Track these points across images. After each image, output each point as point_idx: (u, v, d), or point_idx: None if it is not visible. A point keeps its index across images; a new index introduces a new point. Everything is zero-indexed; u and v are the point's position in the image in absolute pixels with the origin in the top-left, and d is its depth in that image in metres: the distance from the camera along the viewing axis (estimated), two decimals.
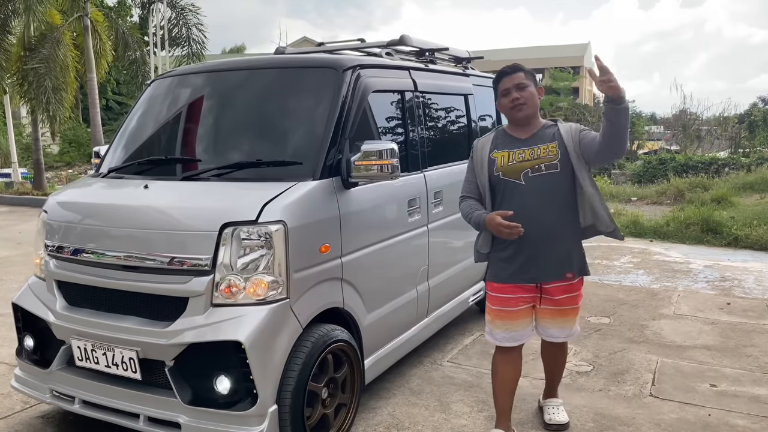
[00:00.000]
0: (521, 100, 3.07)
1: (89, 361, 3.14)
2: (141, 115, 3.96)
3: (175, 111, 3.83)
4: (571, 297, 3.18)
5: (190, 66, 4.04)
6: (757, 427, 3.52)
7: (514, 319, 3.15)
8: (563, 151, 3.04)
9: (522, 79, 3.09)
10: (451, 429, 3.51)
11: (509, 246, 3.08)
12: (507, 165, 3.08)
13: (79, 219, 3.30)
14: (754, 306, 5.87)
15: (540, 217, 3.01)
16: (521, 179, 3.05)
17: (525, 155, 3.06)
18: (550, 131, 3.13)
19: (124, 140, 3.91)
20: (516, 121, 3.15)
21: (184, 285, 2.91)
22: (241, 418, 2.82)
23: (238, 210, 2.92)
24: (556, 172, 3.04)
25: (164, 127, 3.80)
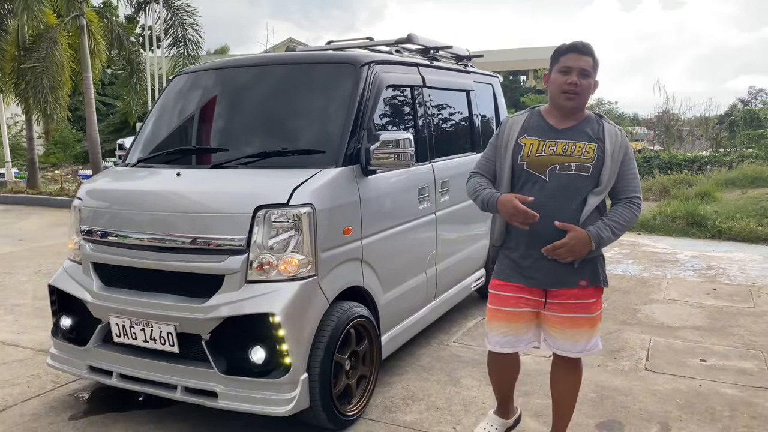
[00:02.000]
0: (579, 89, 2.69)
1: (127, 337, 3.35)
2: (166, 109, 4.17)
3: (200, 104, 4.05)
4: (582, 305, 2.79)
5: (211, 62, 4.25)
6: (744, 395, 3.81)
7: (511, 321, 2.85)
8: (599, 156, 2.71)
9: (589, 65, 2.70)
10: (462, 400, 3.77)
11: (520, 244, 2.80)
12: (534, 156, 2.73)
13: (116, 205, 3.52)
14: (739, 291, 6.19)
15: (557, 218, 2.67)
16: (546, 174, 2.71)
17: (557, 148, 2.71)
18: (592, 128, 2.77)
19: (150, 132, 4.12)
20: (560, 108, 2.76)
21: (220, 263, 3.14)
22: (275, 385, 3.05)
23: (270, 194, 3.15)
24: (585, 176, 2.70)
25: (191, 120, 4.02)
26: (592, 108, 18.31)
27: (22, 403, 3.82)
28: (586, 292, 2.79)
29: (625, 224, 2.75)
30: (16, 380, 4.16)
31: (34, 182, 14.95)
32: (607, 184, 2.71)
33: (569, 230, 2.66)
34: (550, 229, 2.68)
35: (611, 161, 2.71)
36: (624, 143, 2.77)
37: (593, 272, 2.80)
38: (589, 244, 2.66)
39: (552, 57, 2.79)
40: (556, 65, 2.75)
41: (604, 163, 2.70)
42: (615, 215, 2.75)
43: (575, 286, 2.76)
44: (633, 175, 2.79)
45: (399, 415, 3.57)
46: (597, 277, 2.81)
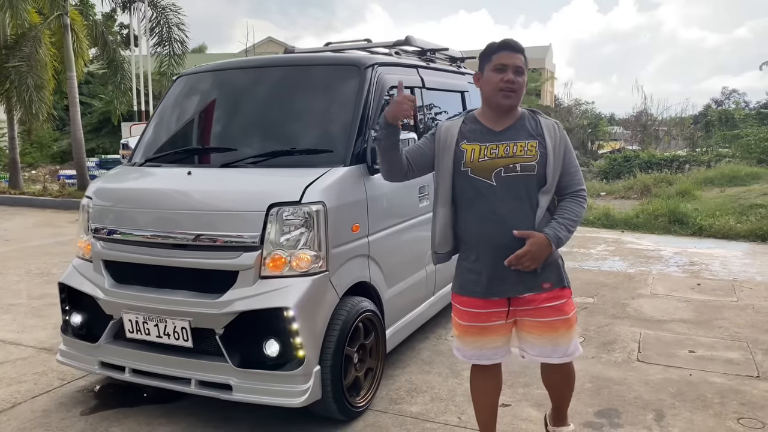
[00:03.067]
0: (515, 86, 2.61)
1: (140, 332, 3.42)
2: (171, 109, 4.24)
3: (206, 104, 4.13)
4: (555, 307, 2.68)
5: (216, 63, 4.32)
6: (732, 383, 3.99)
7: (484, 335, 2.74)
8: (542, 153, 2.63)
9: (522, 63, 2.66)
10: (465, 391, 3.88)
11: (477, 254, 2.67)
12: (477, 161, 2.63)
13: (127, 203, 3.58)
14: (722, 286, 6.41)
15: (511, 222, 2.59)
16: (492, 179, 2.61)
17: (498, 151, 2.62)
18: (529, 125, 2.69)
19: (156, 132, 4.19)
20: (496, 107, 2.67)
21: (234, 260, 3.22)
22: (289, 377, 3.15)
23: (283, 192, 3.25)
24: (532, 175, 2.62)
25: (197, 119, 4.10)
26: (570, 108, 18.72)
27: (31, 399, 3.86)
28: (555, 294, 2.68)
29: (577, 219, 2.69)
30: (22, 378, 4.19)
31: (16, 182, 14.79)
32: (552, 181, 2.64)
33: (528, 237, 2.58)
34: (507, 236, 2.59)
35: (554, 157, 2.63)
36: (563, 136, 2.70)
37: (556, 274, 2.70)
38: (549, 247, 2.60)
39: (482, 56, 2.71)
40: (489, 64, 2.65)
41: (547, 160, 2.62)
42: (566, 212, 2.68)
43: (540, 290, 2.65)
44: (575, 167, 2.73)
45: (405, 407, 3.69)
46: (561, 278, 2.71)
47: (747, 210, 10.04)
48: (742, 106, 35.79)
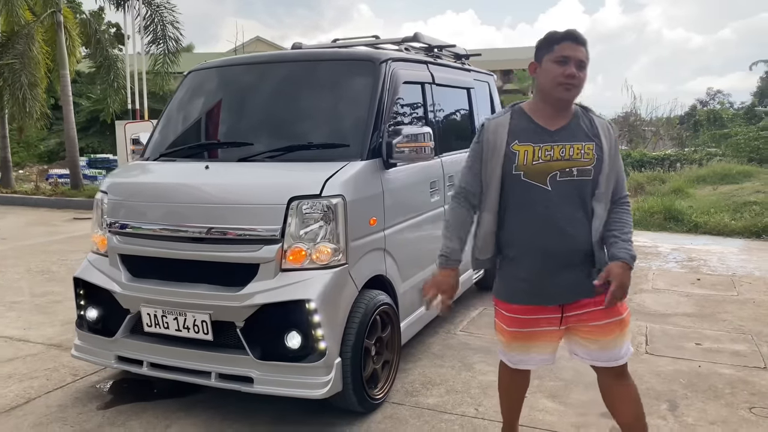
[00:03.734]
0: (576, 81, 2.40)
1: (158, 326, 3.42)
2: (183, 104, 4.24)
3: (220, 100, 4.13)
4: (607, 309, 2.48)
5: (227, 59, 4.34)
6: (741, 374, 4.05)
7: (533, 341, 2.60)
8: (599, 156, 2.45)
9: (585, 57, 2.43)
10: (479, 384, 3.93)
11: (530, 261, 2.48)
12: (531, 164, 2.42)
13: (145, 197, 3.58)
14: (721, 281, 6.50)
15: (569, 231, 2.43)
16: (547, 184, 2.42)
17: (554, 153, 2.42)
18: (584, 124, 2.49)
19: (169, 127, 4.19)
20: (555, 102, 2.45)
21: (255, 253, 3.24)
22: (311, 369, 3.17)
23: (303, 185, 3.27)
24: (588, 180, 2.44)
25: (211, 115, 4.10)
26: None
27: (45, 395, 3.85)
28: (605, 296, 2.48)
29: (631, 231, 2.54)
30: (33, 374, 4.17)
31: (8, 181, 14.66)
32: (607, 187, 2.47)
33: (609, 273, 2.41)
34: (564, 245, 2.44)
35: (609, 161, 2.46)
36: (616, 138, 2.55)
37: None
38: (629, 270, 2.44)
39: (542, 45, 2.47)
40: (549, 54, 2.42)
41: (602, 164, 2.44)
42: (625, 226, 2.52)
43: (592, 294, 2.48)
44: (623, 172, 2.61)
45: (421, 399, 3.72)
46: None
47: (741, 207, 10.18)
48: (727, 107, 36.16)
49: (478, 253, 2.63)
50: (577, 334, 2.58)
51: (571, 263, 2.46)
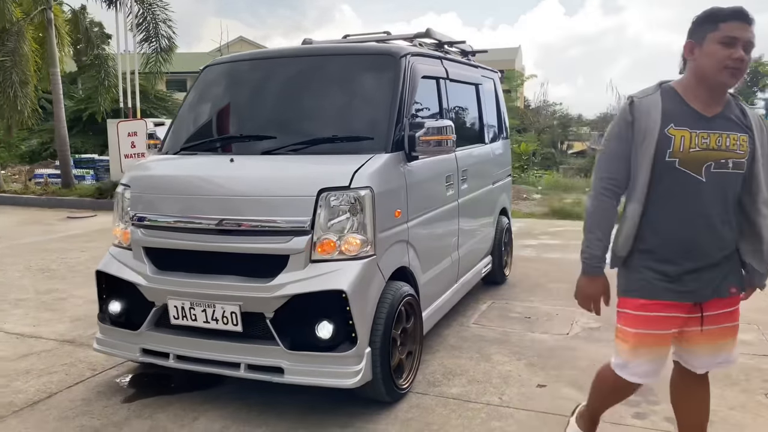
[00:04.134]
0: (744, 66, 2.19)
1: (186, 318, 3.42)
2: (202, 98, 4.25)
3: (240, 93, 4.14)
4: (730, 313, 2.42)
5: (244, 53, 4.34)
6: (753, 362, 4.15)
7: (661, 345, 2.40)
8: (752, 149, 2.28)
9: (753, 38, 2.21)
10: (499, 374, 3.98)
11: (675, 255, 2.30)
12: (688, 151, 2.22)
13: (171, 190, 3.59)
14: None
15: (719, 228, 2.29)
16: (702, 174, 2.23)
17: (710, 141, 2.22)
18: (736, 114, 2.31)
19: (188, 121, 4.19)
20: (717, 87, 2.25)
21: (285, 244, 3.26)
22: (342, 358, 3.20)
23: (332, 177, 3.29)
24: (740, 174, 2.28)
25: (232, 108, 4.12)
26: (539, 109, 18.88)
27: (66, 389, 3.84)
28: (735, 299, 2.43)
29: None
30: (51, 369, 4.15)
31: None
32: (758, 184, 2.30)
33: None
34: (714, 243, 2.29)
35: (761, 155, 2.30)
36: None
37: (739, 277, 2.42)
38: None
39: (703, 21, 2.24)
40: (714, 33, 2.19)
41: (755, 159, 2.28)
42: None
43: (727, 294, 2.36)
44: None
45: (444, 389, 3.76)
46: (742, 282, 2.43)
47: None
48: None
49: (619, 248, 2.38)
50: (692, 338, 2.43)
51: (715, 260, 2.31)
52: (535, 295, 5.85)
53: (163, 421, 3.40)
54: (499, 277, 6.09)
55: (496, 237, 5.88)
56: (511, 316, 5.18)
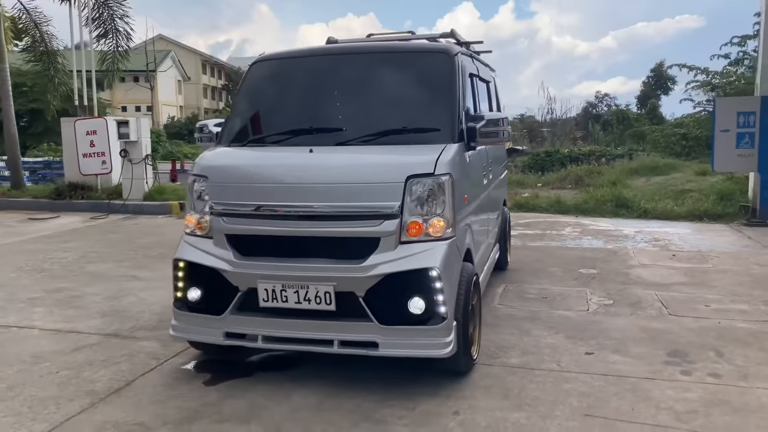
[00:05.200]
0: None
1: (276, 300, 3.59)
2: (258, 93, 4.39)
3: (301, 89, 4.31)
4: None
5: (295, 50, 4.50)
6: (756, 327, 4.72)
7: None
8: None
9: None
10: (546, 346, 4.35)
11: None
12: None
13: (254, 180, 3.73)
14: (693, 256, 7.31)
15: None
16: None
17: None
18: None
19: (247, 115, 4.34)
20: None
21: (377, 227, 3.49)
22: (434, 331, 3.46)
23: (418, 165, 3.55)
24: None
25: (293, 103, 4.28)
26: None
27: (141, 377, 3.90)
28: None
29: None
30: (111, 360, 4.19)
31: None
32: None
33: None
34: None
35: None
36: None
37: None
38: None
39: None
40: None
41: None
42: None
43: None
44: None
45: (504, 360, 4.09)
46: None
47: (679, 195, 11.28)
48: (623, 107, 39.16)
49: None
50: None
51: None
52: (540, 278, 6.29)
53: (258, 399, 3.56)
54: (504, 263, 6.50)
55: (500, 225, 6.27)
56: (529, 297, 5.58)
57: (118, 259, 7.46)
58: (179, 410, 3.44)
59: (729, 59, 17.84)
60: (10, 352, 4.39)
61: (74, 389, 3.73)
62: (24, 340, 4.62)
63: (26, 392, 3.70)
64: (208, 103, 65.73)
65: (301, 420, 3.31)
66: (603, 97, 48.31)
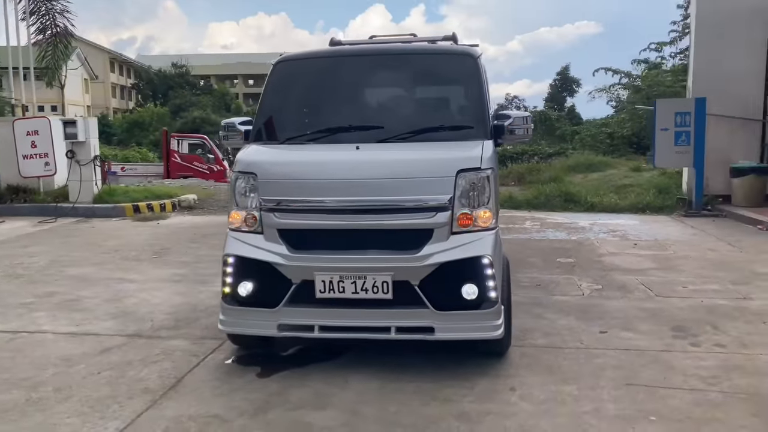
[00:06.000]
0: None
1: (333, 291, 3.73)
2: (286, 92, 4.49)
3: (332, 88, 4.44)
4: None
5: (319, 50, 4.62)
6: (734, 304, 5.27)
7: None
8: None
9: None
10: (562, 327, 4.70)
11: None
12: None
13: (307, 176, 3.83)
14: (652, 244, 7.95)
15: None
16: None
17: None
18: None
19: (279, 114, 4.43)
20: None
21: (431, 218, 3.71)
22: (486, 315, 3.72)
23: (467, 160, 3.79)
24: None
25: (325, 102, 4.41)
26: None
27: (189, 373, 3.93)
28: None
29: None
30: (150, 359, 4.17)
31: None
32: None
33: None
34: None
35: None
36: None
37: None
38: None
39: None
40: None
41: None
42: None
43: None
44: None
45: (531, 341, 4.41)
46: None
47: (620, 189, 12.11)
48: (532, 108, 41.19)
49: None
50: None
51: None
52: (526, 267, 6.68)
53: (320, 387, 3.68)
54: None
55: None
56: (524, 285, 5.95)
57: (95, 263, 7.26)
58: (248, 402, 3.52)
59: (648, 63, 19.23)
60: (35, 355, 4.28)
61: (127, 388, 3.72)
62: (42, 345, 4.50)
63: (78, 393, 3.66)
64: (117, 103, 63.12)
65: (371, 402, 3.48)
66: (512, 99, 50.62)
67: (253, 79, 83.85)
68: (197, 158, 22.55)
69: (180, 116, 46.91)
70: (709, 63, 10.85)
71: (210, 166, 22.40)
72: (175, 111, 49.54)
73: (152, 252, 7.89)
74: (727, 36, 10.73)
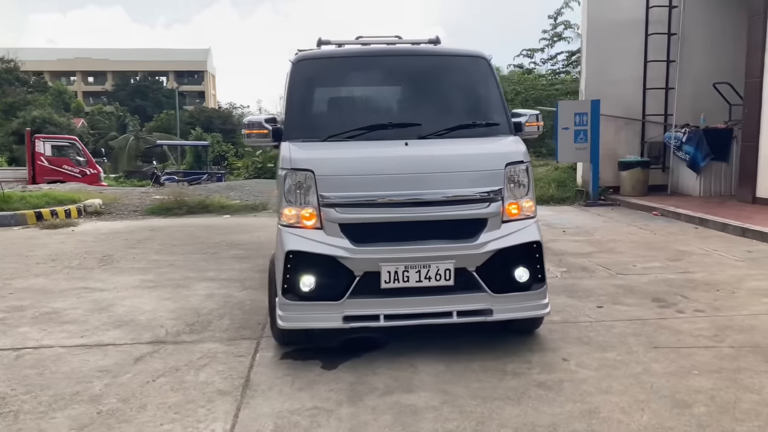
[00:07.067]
0: None
1: (397, 281, 3.91)
2: (312, 91, 4.57)
3: (363, 87, 4.60)
4: None
5: (337, 50, 4.71)
6: (681, 277, 6.10)
7: None
8: None
9: None
10: (563, 305, 5.20)
11: None
12: None
13: (364, 172, 3.95)
14: (578, 231, 8.83)
15: None
16: None
17: None
18: None
19: (309, 112, 4.50)
20: None
21: (485, 209, 4.01)
22: (536, 295, 4.09)
23: (512, 154, 4.14)
24: None
25: (363, 100, 4.56)
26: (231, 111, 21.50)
27: (252, 373, 3.90)
28: None
29: None
30: (197, 363, 4.06)
31: None
32: None
33: None
34: None
35: None
36: None
37: None
38: None
39: None
40: None
41: None
42: None
43: None
44: None
45: (547, 318, 4.82)
46: None
47: None
48: None
49: None
50: None
51: None
52: None
53: (393, 373, 3.84)
54: None
55: None
56: None
57: (37, 273, 6.70)
58: (335, 392, 3.60)
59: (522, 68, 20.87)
60: (64, 370, 3.99)
61: (198, 392, 3.64)
62: (61, 359, 4.19)
63: (150, 402, 3.52)
64: None
65: (453, 382, 3.71)
66: None
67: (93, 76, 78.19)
68: (67, 161, 20.88)
69: (15, 116, 42.38)
70: (598, 68, 12.13)
71: (82, 169, 20.84)
72: (7, 110, 44.67)
73: (95, 260, 7.40)
74: (612, 44, 12.08)
